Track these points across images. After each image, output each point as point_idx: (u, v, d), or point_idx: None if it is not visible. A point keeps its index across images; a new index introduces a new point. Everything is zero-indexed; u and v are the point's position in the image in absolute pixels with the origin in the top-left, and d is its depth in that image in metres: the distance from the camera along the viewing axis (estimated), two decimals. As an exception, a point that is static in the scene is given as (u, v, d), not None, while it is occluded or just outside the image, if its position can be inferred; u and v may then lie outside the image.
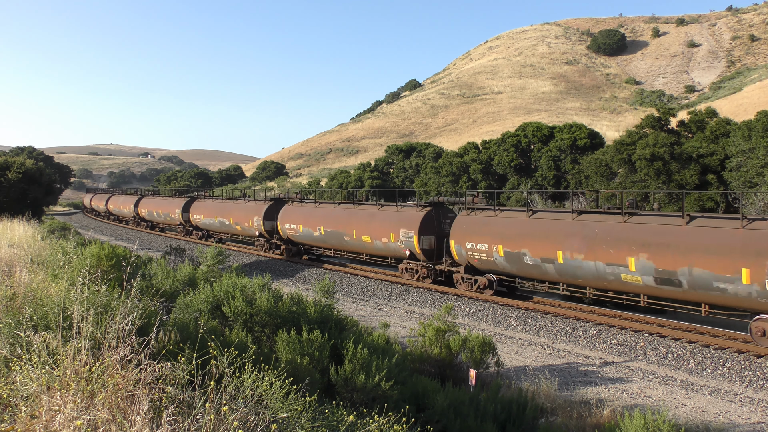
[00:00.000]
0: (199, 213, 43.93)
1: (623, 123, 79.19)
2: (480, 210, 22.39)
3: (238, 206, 38.58)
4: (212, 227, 42.66)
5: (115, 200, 65.76)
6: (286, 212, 33.01)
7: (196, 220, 44.20)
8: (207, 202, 44.15)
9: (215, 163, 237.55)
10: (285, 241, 33.30)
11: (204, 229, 44.35)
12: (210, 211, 42.20)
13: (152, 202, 53.95)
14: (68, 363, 4.96)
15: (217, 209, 41.29)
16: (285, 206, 33.63)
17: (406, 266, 24.94)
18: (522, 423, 8.95)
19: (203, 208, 43.62)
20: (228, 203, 40.80)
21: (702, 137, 31.81)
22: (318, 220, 30.08)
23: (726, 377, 13.77)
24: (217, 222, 40.80)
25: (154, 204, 53.04)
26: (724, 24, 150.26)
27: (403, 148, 60.74)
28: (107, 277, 8.50)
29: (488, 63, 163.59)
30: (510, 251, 20.14)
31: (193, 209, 44.55)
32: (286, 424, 4.95)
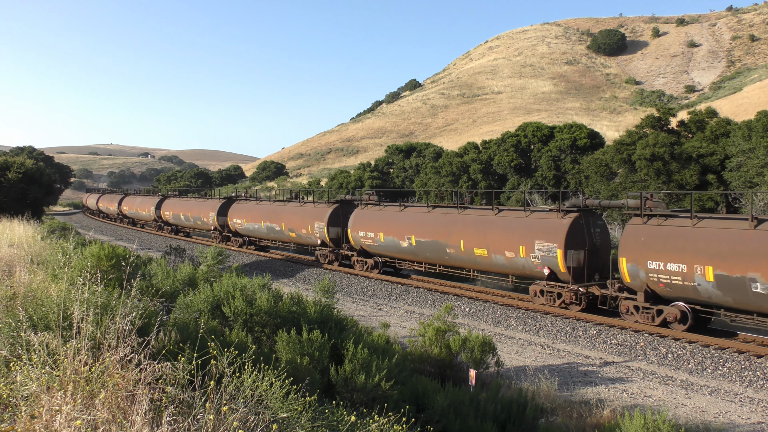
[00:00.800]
0: (240, 216, 38.45)
1: (623, 123, 79.20)
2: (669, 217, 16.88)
3: (292, 209, 33.28)
4: (257, 233, 37.29)
5: (131, 201, 60.59)
6: (360, 217, 27.98)
7: (235, 225, 38.63)
8: (249, 205, 38.50)
9: (215, 163, 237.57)
10: (359, 252, 28.24)
11: (246, 235, 38.88)
12: (254, 215, 36.71)
13: (178, 204, 48.23)
14: (68, 363, 4.96)
15: (263, 213, 35.91)
16: (357, 210, 28.57)
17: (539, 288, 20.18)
18: (522, 423, 8.95)
19: (245, 211, 38.15)
20: (277, 206, 35.23)
21: (702, 137, 31.81)
22: (406, 227, 25.20)
23: (726, 377, 13.77)
24: (264, 227, 35.38)
25: (181, 206, 47.18)
26: (724, 24, 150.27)
27: (403, 148, 60.74)
28: (107, 277, 8.50)
29: (488, 63, 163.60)
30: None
31: (233, 212, 39.02)
32: (286, 424, 4.95)
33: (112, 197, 70.46)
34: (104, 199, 73.26)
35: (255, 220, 36.74)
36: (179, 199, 51.03)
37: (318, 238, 30.26)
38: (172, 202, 50.59)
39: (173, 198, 52.66)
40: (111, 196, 72.08)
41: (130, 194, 68.85)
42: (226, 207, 40.69)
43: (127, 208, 61.98)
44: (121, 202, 63.80)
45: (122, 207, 63.34)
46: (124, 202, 63.42)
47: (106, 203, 71.19)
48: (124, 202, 63.28)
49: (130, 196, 64.73)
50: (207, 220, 42.35)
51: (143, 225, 59.13)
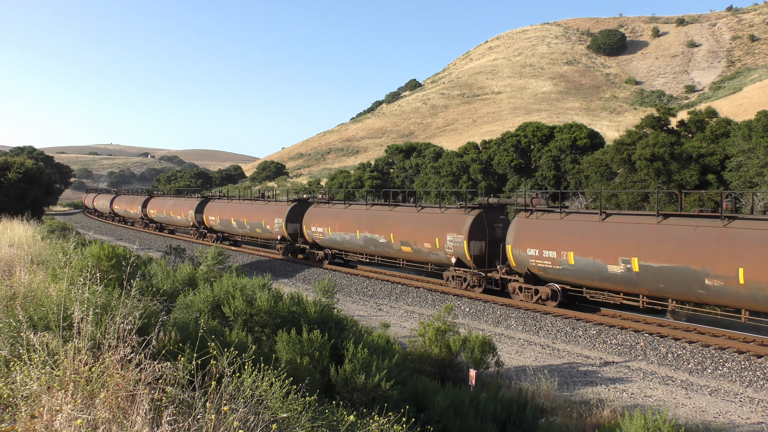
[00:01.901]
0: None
1: (623, 123, 79.18)
2: None
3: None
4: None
5: (121, 201, 58.11)
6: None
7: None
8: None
9: (215, 163, 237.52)
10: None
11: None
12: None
13: (228, 208, 39.45)
14: (68, 363, 4.96)
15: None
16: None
17: None
18: (522, 423, 8.95)
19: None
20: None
21: (702, 137, 31.80)
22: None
23: (726, 377, 13.77)
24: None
25: (232, 210, 38.66)
26: (724, 24, 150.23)
27: (403, 148, 60.73)
28: (107, 277, 8.51)
29: (488, 63, 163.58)
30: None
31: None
32: (286, 424, 4.95)
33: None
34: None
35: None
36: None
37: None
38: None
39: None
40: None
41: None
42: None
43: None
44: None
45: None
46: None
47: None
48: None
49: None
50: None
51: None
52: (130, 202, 59.47)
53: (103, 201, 70.50)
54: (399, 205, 26.70)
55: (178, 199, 49.67)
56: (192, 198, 46.95)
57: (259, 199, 38.36)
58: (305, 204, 32.88)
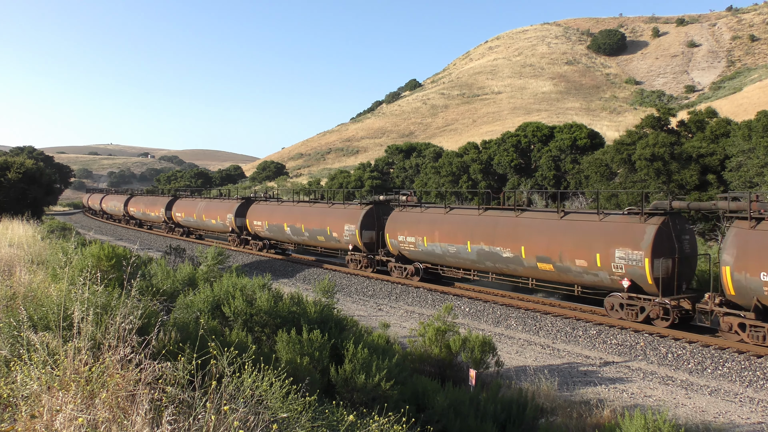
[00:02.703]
0: (413, 233, 24.06)
1: (623, 123, 79.20)
2: None
3: (541, 225, 20.34)
4: (452, 261, 22.99)
5: (191, 206, 45.26)
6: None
7: (404, 247, 24.61)
8: (432, 215, 23.93)
9: (215, 163, 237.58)
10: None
11: (422, 260, 24.35)
12: (448, 232, 22.78)
13: (279, 212, 33.56)
14: (68, 363, 4.96)
15: (473, 229, 21.90)
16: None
17: None
18: (522, 423, 8.96)
19: (422, 225, 24.27)
20: (504, 218, 20.99)
21: (702, 137, 31.81)
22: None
23: (726, 377, 13.77)
24: (473, 252, 21.72)
25: (285, 214, 32.75)
26: (724, 24, 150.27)
27: (403, 148, 60.75)
28: (107, 277, 8.51)
29: (488, 63, 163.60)
30: None
31: (395, 225, 25.24)
32: (286, 424, 4.95)
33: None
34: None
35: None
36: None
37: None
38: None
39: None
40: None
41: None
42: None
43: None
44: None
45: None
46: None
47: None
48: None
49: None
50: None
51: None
52: (151, 203, 54.15)
53: (115, 202, 65.66)
54: (528, 209, 20.84)
55: (211, 201, 43.20)
56: (231, 200, 40.51)
57: (319, 201, 32.44)
58: (384, 207, 27.46)
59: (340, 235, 27.74)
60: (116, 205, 64.16)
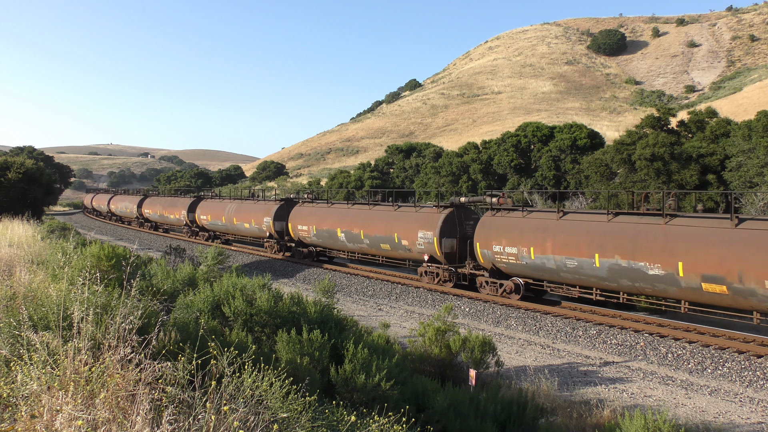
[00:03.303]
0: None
1: (623, 123, 79.19)
2: None
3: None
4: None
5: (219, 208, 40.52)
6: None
7: (500, 259, 21.01)
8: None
9: (215, 163, 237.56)
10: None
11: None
12: (566, 242, 18.94)
13: (354, 217, 28.11)
14: (68, 363, 4.96)
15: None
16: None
17: None
18: (522, 423, 8.96)
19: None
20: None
21: (702, 137, 31.80)
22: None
23: (726, 377, 13.78)
24: (625, 267, 17.27)
25: (360, 220, 27.63)
26: (724, 24, 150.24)
27: (403, 148, 60.73)
28: (107, 277, 8.51)
29: (488, 63, 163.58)
30: None
31: (486, 233, 21.67)
32: (286, 424, 4.95)
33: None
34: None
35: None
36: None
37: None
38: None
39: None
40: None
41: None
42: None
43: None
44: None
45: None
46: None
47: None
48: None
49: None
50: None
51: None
52: (170, 205, 49.58)
53: (126, 203, 61.93)
54: (681, 215, 16.69)
55: (244, 202, 38.82)
56: (268, 202, 36.27)
57: (380, 204, 28.20)
58: (466, 211, 24.06)
59: (412, 243, 24.28)
60: (128, 207, 60.88)
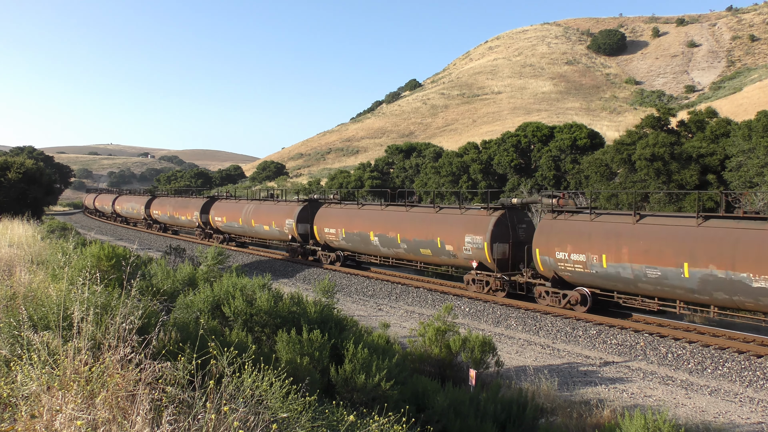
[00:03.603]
0: (576, 249, 19.47)
1: (623, 123, 79.20)
2: None
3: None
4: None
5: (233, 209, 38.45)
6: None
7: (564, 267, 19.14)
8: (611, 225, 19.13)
9: (215, 163, 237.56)
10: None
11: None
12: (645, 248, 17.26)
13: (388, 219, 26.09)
14: (68, 363, 4.96)
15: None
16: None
17: None
18: (522, 423, 8.96)
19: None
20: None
21: (702, 137, 31.81)
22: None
23: (726, 377, 13.78)
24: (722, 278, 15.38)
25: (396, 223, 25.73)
26: (724, 24, 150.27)
27: (403, 148, 60.74)
28: (107, 277, 8.51)
29: (488, 63, 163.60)
30: None
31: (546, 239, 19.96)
32: (286, 424, 4.95)
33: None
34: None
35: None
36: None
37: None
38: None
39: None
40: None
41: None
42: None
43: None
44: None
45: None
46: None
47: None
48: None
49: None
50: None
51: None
52: (181, 206, 47.39)
53: (133, 203, 59.97)
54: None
55: (263, 203, 36.13)
56: (290, 203, 33.98)
57: (418, 205, 26.05)
58: (518, 213, 22.15)
59: (457, 249, 22.31)
60: (134, 207, 59.07)
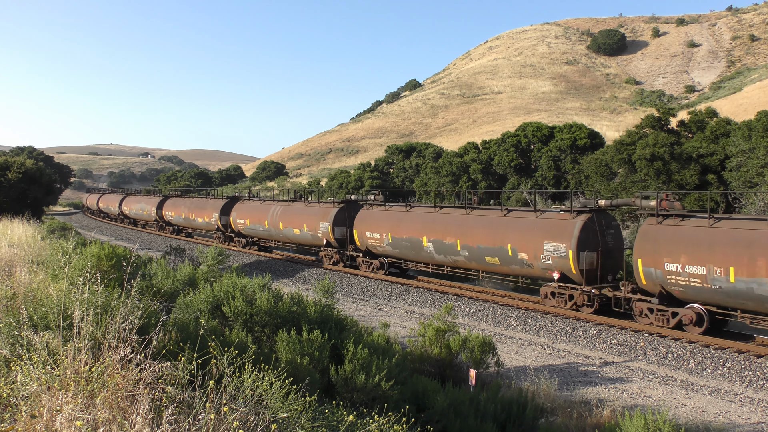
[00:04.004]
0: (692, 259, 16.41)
1: (623, 123, 79.17)
2: None
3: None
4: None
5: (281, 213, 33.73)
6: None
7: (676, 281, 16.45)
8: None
9: (215, 163, 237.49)
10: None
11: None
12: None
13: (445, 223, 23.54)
14: (68, 363, 4.96)
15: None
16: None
17: None
18: (522, 423, 8.96)
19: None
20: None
21: (702, 137, 31.80)
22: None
23: (726, 377, 13.77)
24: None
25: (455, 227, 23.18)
26: (724, 24, 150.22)
27: (403, 148, 60.73)
28: (107, 277, 8.50)
29: (488, 63, 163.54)
30: None
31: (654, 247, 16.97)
32: (286, 424, 4.95)
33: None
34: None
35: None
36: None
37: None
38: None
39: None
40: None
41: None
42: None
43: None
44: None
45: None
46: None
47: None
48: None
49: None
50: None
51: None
52: (197, 207, 45.38)
53: (143, 204, 58.45)
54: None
55: (291, 205, 33.98)
56: (324, 204, 31.15)
57: (478, 207, 23.26)
58: (606, 216, 19.68)
59: (533, 258, 19.79)
60: (145, 208, 57.85)
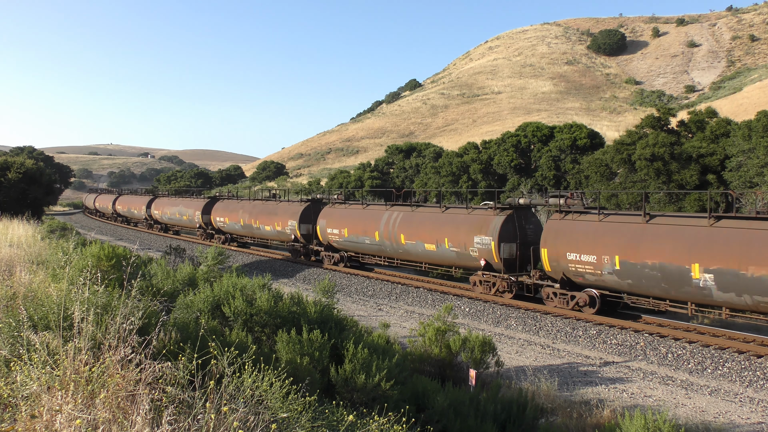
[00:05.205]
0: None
1: (623, 123, 79.17)
2: None
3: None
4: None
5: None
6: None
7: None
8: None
9: (215, 163, 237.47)
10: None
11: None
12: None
13: None
14: (68, 363, 4.96)
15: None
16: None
17: None
18: (522, 423, 8.96)
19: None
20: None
21: (702, 137, 31.80)
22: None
23: (726, 377, 13.77)
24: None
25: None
26: (724, 24, 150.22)
27: (403, 148, 60.74)
28: (107, 277, 8.50)
29: (488, 63, 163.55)
30: None
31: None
32: (286, 424, 4.95)
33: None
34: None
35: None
36: None
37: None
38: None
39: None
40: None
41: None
42: None
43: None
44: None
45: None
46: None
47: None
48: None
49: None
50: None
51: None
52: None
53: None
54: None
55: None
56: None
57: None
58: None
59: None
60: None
